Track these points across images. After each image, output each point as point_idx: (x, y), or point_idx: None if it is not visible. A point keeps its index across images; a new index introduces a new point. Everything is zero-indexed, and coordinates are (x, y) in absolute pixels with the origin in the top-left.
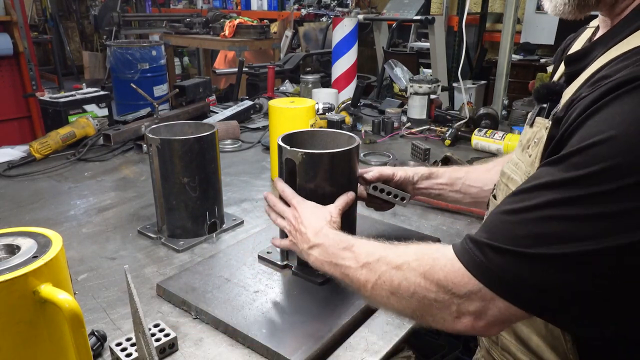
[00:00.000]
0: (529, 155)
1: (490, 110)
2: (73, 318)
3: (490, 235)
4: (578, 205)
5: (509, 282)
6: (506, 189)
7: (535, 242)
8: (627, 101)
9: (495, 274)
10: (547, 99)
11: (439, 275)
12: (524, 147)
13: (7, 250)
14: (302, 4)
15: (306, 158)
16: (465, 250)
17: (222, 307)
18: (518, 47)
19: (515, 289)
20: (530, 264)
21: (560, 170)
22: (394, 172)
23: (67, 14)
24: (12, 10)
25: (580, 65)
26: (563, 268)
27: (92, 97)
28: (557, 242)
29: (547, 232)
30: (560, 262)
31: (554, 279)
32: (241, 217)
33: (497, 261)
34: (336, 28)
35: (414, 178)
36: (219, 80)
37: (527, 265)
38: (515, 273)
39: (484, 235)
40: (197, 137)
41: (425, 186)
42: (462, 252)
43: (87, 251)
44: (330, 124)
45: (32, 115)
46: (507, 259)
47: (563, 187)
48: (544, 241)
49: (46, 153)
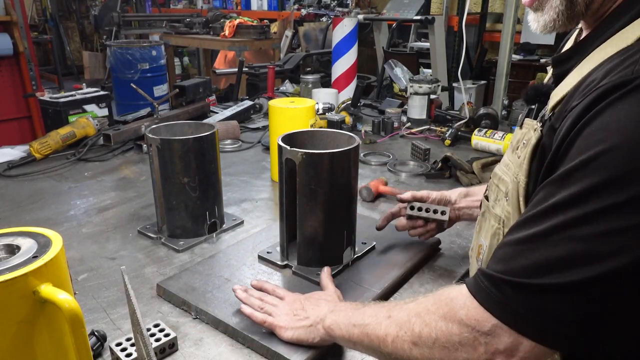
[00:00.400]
0: (518, 157)
1: (490, 110)
2: (73, 318)
3: (505, 269)
4: (591, 222)
5: (531, 320)
6: (497, 189)
7: (552, 270)
8: (620, 107)
9: (515, 313)
10: (536, 100)
11: (460, 314)
12: (513, 148)
13: (7, 250)
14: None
15: (306, 158)
16: (480, 288)
17: (222, 307)
18: (518, 47)
19: (540, 326)
20: (552, 296)
21: (565, 188)
22: (428, 193)
23: (67, 14)
24: (12, 10)
25: (566, 67)
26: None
27: (92, 97)
28: (576, 266)
29: (564, 257)
30: (584, 288)
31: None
32: (241, 217)
33: (515, 298)
34: (336, 28)
35: (452, 197)
36: (219, 80)
37: (548, 298)
38: (537, 309)
39: (498, 269)
40: (197, 137)
41: (465, 205)
42: (477, 289)
43: (87, 251)
44: (330, 124)
45: (32, 115)
46: (526, 295)
47: (572, 205)
48: (562, 268)
49: (46, 153)
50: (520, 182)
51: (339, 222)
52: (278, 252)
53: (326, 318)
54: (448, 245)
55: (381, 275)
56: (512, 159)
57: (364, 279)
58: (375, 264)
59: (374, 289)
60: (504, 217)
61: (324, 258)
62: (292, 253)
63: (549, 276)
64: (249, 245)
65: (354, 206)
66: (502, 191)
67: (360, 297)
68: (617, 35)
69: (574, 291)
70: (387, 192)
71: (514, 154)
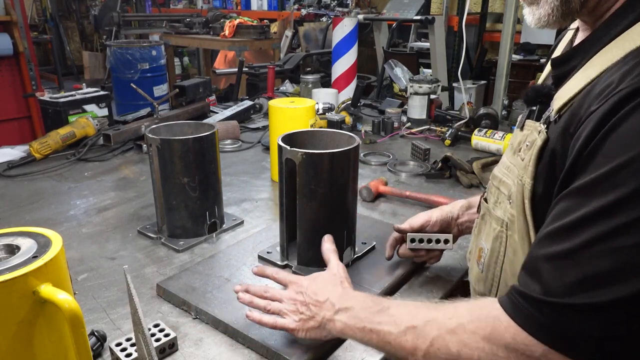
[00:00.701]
0: (522, 159)
1: (490, 110)
2: (73, 318)
3: (543, 289)
4: (630, 232)
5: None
6: (497, 191)
7: (594, 287)
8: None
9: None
10: (536, 102)
11: (506, 338)
12: (515, 150)
13: (7, 250)
14: (302, 4)
15: (306, 158)
16: (519, 309)
17: (222, 307)
18: (518, 47)
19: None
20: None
21: (596, 197)
22: (428, 217)
23: (67, 14)
24: (12, 10)
25: (566, 68)
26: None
27: (92, 97)
28: (620, 280)
29: (605, 272)
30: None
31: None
32: (241, 217)
33: (560, 320)
34: (336, 28)
35: (455, 212)
36: (219, 80)
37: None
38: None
39: (536, 289)
40: (197, 137)
41: (467, 218)
42: (515, 311)
43: (87, 251)
44: (330, 124)
45: (32, 115)
46: (571, 316)
47: (607, 216)
48: (605, 283)
49: (46, 153)
50: (525, 185)
51: (339, 222)
52: (278, 252)
53: (335, 320)
54: None
55: (381, 275)
56: (513, 161)
57: (364, 279)
58: (375, 264)
59: (374, 289)
60: (507, 219)
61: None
62: (292, 253)
63: (592, 293)
64: (249, 245)
65: (354, 206)
66: (504, 194)
67: None
68: (622, 37)
69: (622, 307)
70: (387, 192)
71: (515, 156)
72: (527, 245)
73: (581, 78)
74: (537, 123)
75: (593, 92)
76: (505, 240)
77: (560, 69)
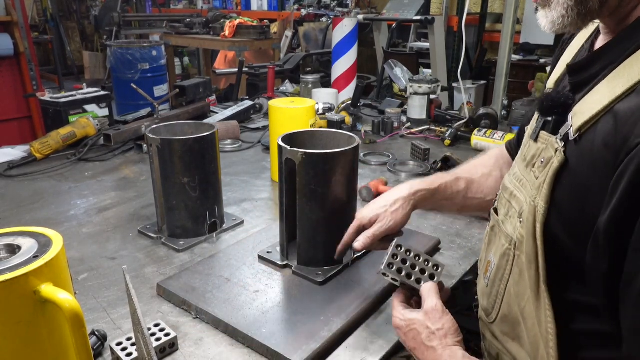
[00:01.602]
0: (535, 177)
1: (489, 110)
2: (73, 318)
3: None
4: None
5: None
6: (508, 205)
7: None
8: None
9: None
10: (553, 112)
11: None
12: (528, 163)
13: (7, 250)
14: (302, 4)
15: (306, 158)
16: None
17: (222, 307)
18: (518, 47)
19: None
20: None
21: None
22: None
23: (67, 14)
24: (12, 11)
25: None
26: None
27: (92, 97)
28: None
29: None
30: None
31: None
32: (241, 217)
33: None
34: (336, 28)
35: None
36: (219, 81)
37: None
38: None
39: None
40: (197, 137)
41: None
42: None
43: (87, 251)
44: (330, 124)
45: (33, 115)
46: None
47: None
48: None
49: (47, 153)
50: (538, 208)
51: (339, 222)
52: (278, 252)
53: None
54: (448, 245)
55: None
56: (527, 176)
57: (364, 279)
58: (375, 264)
59: (374, 289)
60: (516, 239)
61: (324, 258)
62: (292, 253)
63: None
64: (249, 245)
65: (354, 206)
66: (515, 209)
67: (360, 297)
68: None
69: None
70: (386, 192)
71: (528, 170)
72: (534, 268)
73: (606, 92)
74: (553, 138)
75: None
76: (513, 260)
77: (577, 76)
